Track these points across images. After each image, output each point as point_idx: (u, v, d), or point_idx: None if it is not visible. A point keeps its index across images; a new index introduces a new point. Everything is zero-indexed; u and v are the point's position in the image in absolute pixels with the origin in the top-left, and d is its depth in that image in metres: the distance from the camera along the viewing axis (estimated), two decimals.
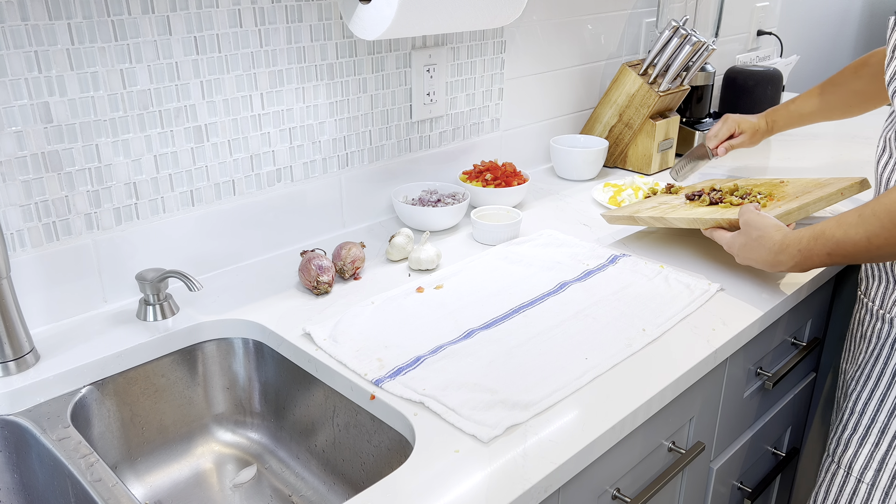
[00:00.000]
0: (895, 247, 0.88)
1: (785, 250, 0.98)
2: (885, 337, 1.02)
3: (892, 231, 0.87)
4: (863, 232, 0.89)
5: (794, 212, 1.10)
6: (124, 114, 1.00)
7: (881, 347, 1.03)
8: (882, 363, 1.02)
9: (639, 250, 1.22)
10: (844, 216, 0.92)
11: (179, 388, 1.01)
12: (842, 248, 0.92)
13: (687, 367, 0.91)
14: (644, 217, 1.20)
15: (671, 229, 1.29)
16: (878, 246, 0.89)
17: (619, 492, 0.90)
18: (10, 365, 0.88)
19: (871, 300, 1.06)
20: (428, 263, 1.14)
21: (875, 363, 1.03)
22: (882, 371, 1.02)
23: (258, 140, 1.15)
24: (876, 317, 1.04)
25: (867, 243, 0.89)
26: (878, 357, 1.03)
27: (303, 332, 0.97)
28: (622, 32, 1.75)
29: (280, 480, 1.01)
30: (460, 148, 1.47)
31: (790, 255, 0.97)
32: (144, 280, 0.99)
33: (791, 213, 1.10)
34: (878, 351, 1.03)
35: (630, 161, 1.65)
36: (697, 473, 1.09)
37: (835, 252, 0.93)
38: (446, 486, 0.72)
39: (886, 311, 1.02)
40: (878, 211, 0.88)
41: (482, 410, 0.81)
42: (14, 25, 0.88)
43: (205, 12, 1.03)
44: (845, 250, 0.91)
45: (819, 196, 1.14)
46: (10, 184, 0.93)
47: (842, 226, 0.92)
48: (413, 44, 1.31)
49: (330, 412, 0.95)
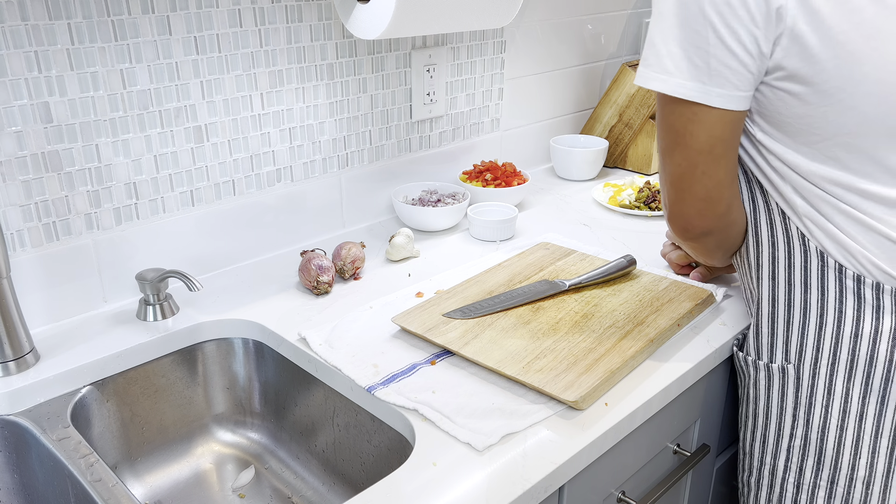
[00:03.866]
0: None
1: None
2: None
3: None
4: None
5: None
6: (124, 114, 1.00)
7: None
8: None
9: (642, 255, 1.22)
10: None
11: (179, 388, 1.01)
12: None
13: (687, 367, 0.91)
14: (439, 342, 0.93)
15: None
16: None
17: (625, 494, 0.90)
18: (10, 365, 0.88)
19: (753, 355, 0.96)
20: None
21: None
22: (756, 412, 0.96)
23: (258, 140, 1.15)
24: (746, 364, 0.96)
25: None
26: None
27: (298, 336, 0.97)
28: (622, 32, 1.75)
29: (280, 480, 1.01)
30: (460, 148, 1.47)
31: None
32: (144, 280, 0.99)
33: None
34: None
35: (630, 161, 1.65)
36: (703, 476, 1.09)
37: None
38: (446, 485, 0.72)
39: (748, 355, 0.95)
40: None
41: (478, 419, 0.80)
42: (14, 25, 0.88)
43: (205, 12, 1.03)
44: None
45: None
46: (10, 184, 0.92)
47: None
48: (413, 44, 1.31)
49: (330, 412, 0.94)
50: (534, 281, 1.08)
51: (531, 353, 0.90)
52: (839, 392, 0.86)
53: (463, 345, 0.91)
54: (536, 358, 0.89)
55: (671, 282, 1.07)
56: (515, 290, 1.04)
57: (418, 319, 0.97)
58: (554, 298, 1.03)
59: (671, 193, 0.89)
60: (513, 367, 0.87)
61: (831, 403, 0.87)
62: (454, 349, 0.91)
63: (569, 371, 0.86)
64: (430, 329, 0.95)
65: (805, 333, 0.88)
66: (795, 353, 0.89)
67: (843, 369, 0.86)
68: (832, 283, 0.84)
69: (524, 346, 0.91)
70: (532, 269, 1.12)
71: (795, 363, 0.89)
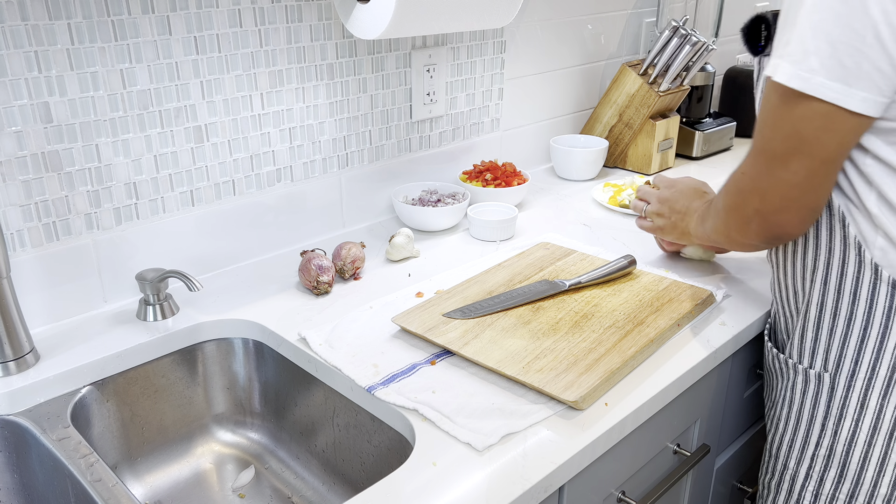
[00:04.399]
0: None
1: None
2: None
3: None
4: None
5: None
6: (124, 114, 1.00)
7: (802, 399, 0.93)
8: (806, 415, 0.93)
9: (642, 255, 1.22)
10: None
11: (179, 388, 1.01)
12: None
13: (687, 367, 0.91)
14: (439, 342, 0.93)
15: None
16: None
17: (625, 494, 0.90)
18: (10, 365, 0.88)
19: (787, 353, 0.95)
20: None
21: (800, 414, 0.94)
22: (788, 416, 0.95)
23: (258, 140, 1.15)
24: (780, 362, 0.95)
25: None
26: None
27: (298, 336, 0.97)
28: (622, 32, 1.75)
29: (280, 480, 1.01)
30: (460, 148, 1.47)
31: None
32: (144, 280, 0.99)
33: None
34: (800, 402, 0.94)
35: (630, 161, 1.65)
36: (703, 476, 1.09)
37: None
38: (446, 485, 0.72)
39: (788, 357, 0.94)
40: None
41: (478, 419, 0.80)
42: (14, 25, 0.88)
43: (205, 12, 1.03)
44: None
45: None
46: (10, 184, 0.92)
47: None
48: (413, 44, 1.31)
49: (330, 412, 0.94)
50: (534, 281, 1.08)
51: (531, 353, 0.90)
52: (872, 407, 0.85)
53: (463, 345, 0.91)
54: (536, 358, 0.89)
55: (671, 282, 1.07)
56: (515, 290, 1.04)
57: (418, 319, 0.97)
58: (554, 298, 1.03)
59: (775, 202, 0.82)
60: (513, 367, 0.87)
61: (862, 417, 0.86)
62: (454, 349, 0.91)
63: (569, 371, 0.86)
64: (430, 329, 0.95)
65: (846, 344, 0.86)
66: (834, 362, 0.87)
67: (881, 385, 0.84)
68: (882, 297, 0.82)
69: (524, 346, 0.91)
70: (532, 269, 1.12)
71: (832, 372, 0.87)
